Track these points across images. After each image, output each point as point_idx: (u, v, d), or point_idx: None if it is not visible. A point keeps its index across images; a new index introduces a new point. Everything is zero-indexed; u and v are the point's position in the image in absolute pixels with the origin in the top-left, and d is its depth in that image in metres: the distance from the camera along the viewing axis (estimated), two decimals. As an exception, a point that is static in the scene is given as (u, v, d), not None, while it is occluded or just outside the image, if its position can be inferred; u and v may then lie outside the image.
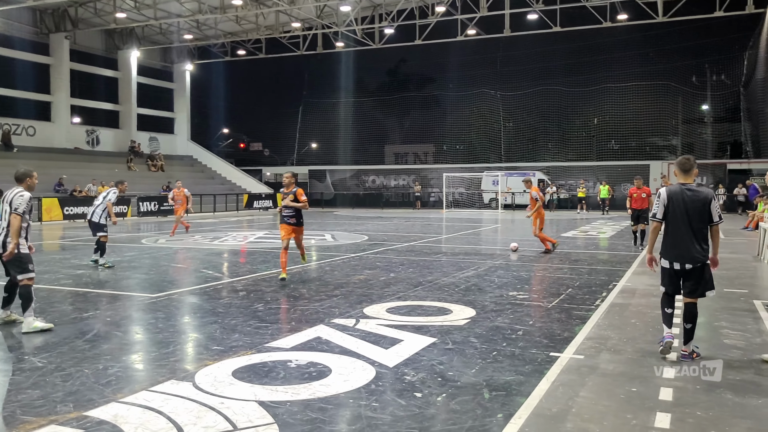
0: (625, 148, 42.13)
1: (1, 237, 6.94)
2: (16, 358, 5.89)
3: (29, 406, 4.61)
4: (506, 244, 17.60)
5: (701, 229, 5.82)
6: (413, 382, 5.12)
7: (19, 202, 6.90)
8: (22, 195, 6.96)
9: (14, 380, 5.22)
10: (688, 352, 5.79)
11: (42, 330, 6.80)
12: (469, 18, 32.42)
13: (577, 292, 9.39)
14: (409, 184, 43.72)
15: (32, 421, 4.28)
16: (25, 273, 6.94)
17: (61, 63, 36.27)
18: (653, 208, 6.02)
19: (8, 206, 6.93)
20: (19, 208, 6.88)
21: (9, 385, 5.10)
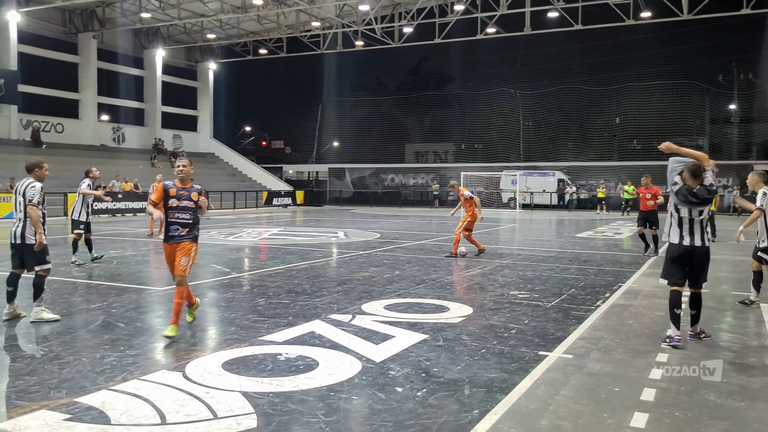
0: (648, 148, 41.59)
1: (18, 228, 7.11)
2: (19, 347, 6.11)
3: (24, 391, 4.81)
4: (522, 243, 17.62)
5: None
6: (396, 377, 5.22)
7: (32, 193, 7.03)
8: (33, 186, 7.08)
9: (14, 367, 5.43)
10: (696, 332, 6.48)
11: (48, 321, 7.00)
12: (489, 16, 32.34)
13: (580, 292, 9.39)
14: (428, 183, 43.72)
15: (24, 405, 4.47)
16: (42, 264, 7.11)
17: (89, 62, 36.98)
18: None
19: (22, 198, 7.08)
20: (33, 199, 7.02)
21: (9, 370, 5.31)
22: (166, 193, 6.59)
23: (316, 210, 37.81)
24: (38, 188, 7.08)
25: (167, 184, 6.66)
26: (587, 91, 43.51)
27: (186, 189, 6.62)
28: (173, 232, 6.57)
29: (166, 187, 6.64)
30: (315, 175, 50.47)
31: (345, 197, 44.81)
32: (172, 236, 6.57)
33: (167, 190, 6.60)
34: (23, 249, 7.11)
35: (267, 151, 58.75)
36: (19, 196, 7.13)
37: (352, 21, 35.51)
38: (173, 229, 6.57)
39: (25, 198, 7.06)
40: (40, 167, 7.29)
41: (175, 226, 6.58)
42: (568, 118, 45.96)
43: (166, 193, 6.59)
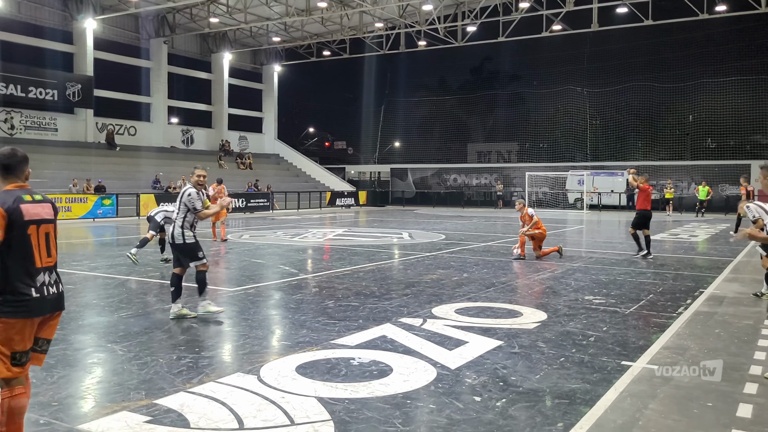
0: (723, 147, 39.86)
1: (171, 230, 7.54)
2: (99, 346, 6.26)
3: (107, 391, 4.90)
4: (591, 246, 17.11)
5: None
6: (474, 386, 5.06)
7: (190, 201, 7.42)
8: (189, 194, 7.47)
9: (95, 366, 5.55)
10: None
11: (213, 312, 7.48)
12: (555, 13, 31.60)
13: (659, 298, 8.99)
14: (491, 183, 43.13)
15: (107, 406, 4.54)
16: (197, 260, 7.49)
17: (160, 66, 38.14)
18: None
19: (178, 201, 7.55)
20: (197, 205, 7.44)
21: (90, 371, 5.43)
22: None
23: (378, 210, 37.87)
24: (194, 195, 7.46)
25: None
26: (658, 88, 41.99)
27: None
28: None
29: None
30: (377, 176, 50.60)
31: (407, 198, 44.71)
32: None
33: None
34: (175, 249, 7.53)
35: (330, 152, 59.31)
36: (177, 199, 7.59)
37: (414, 21, 35.37)
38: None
39: (182, 203, 7.46)
40: (193, 174, 7.74)
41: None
42: (637, 116, 44.47)
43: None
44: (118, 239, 18.60)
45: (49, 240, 3.62)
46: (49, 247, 3.61)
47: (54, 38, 32.78)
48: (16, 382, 3.46)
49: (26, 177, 3.71)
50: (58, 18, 32.95)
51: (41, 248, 3.56)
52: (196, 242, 7.51)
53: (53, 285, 3.60)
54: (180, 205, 7.46)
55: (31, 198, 3.59)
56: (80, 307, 8.18)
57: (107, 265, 12.21)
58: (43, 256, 3.56)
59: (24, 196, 3.57)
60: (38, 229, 3.55)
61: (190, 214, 7.47)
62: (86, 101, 32.79)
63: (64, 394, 4.75)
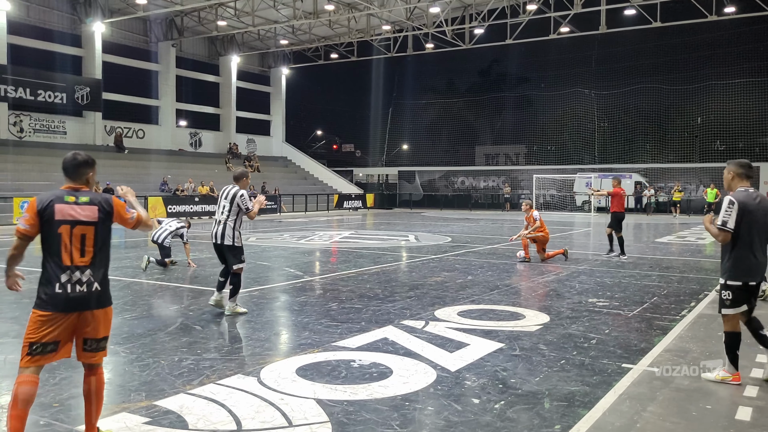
0: (732, 149, 39.62)
1: (219, 230, 7.68)
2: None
3: (108, 393, 4.91)
4: (598, 248, 17.04)
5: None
6: (473, 388, 5.07)
7: (244, 202, 7.64)
8: (243, 195, 7.67)
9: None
10: None
11: (240, 314, 7.70)
12: (563, 15, 31.56)
13: (663, 300, 8.96)
14: (499, 186, 43.08)
15: (107, 407, 4.56)
16: (240, 263, 7.72)
17: (168, 69, 38.36)
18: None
19: (228, 203, 7.68)
20: (249, 205, 7.69)
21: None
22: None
23: (386, 213, 37.90)
24: (246, 196, 7.70)
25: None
26: (666, 91, 41.84)
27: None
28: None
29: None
30: (385, 178, 50.65)
31: (415, 200, 44.73)
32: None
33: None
34: (223, 249, 7.72)
35: (338, 155, 59.45)
36: (224, 201, 7.71)
37: (422, 24, 35.41)
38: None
39: (234, 204, 7.63)
40: (247, 177, 7.95)
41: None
42: (645, 119, 44.32)
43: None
44: (126, 242, 18.69)
45: (85, 241, 3.73)
46: (84, 248, 3.72)
47: (63, 42, 33.06)
48: (27, 371, 3.66)
49: (87, 180, 3.90)
50: (67, 21, 33.21)
51: (73, 248, 3.70)
52: (242, 246, 7.79)
53: (83, 284, 3.70)
54: (232, 206, 7.63)
55: (74, 199, 3.76)
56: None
57: (113, 267, 12.15)
58: (75, 255, 3.70)
59: (66, 197, 3.75)
60: (71, 230, 3.70)
61: (241, 214, 7.69)
62: (95, 104, 33.02)
63: (66, 396, 4.79)
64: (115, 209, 3.91)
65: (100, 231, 3.81)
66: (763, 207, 5.20)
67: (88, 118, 33.80)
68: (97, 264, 3.79)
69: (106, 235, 3.87)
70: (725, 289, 5.29)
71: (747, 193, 5.20)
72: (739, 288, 5.20)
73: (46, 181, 27.89)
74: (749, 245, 5.17)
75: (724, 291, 5.29)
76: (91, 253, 3.77)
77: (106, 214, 3.85)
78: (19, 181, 26.98)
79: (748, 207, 5.13)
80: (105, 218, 3.85)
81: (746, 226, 5.13)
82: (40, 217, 3.71)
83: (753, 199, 5.18)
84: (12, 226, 22.83)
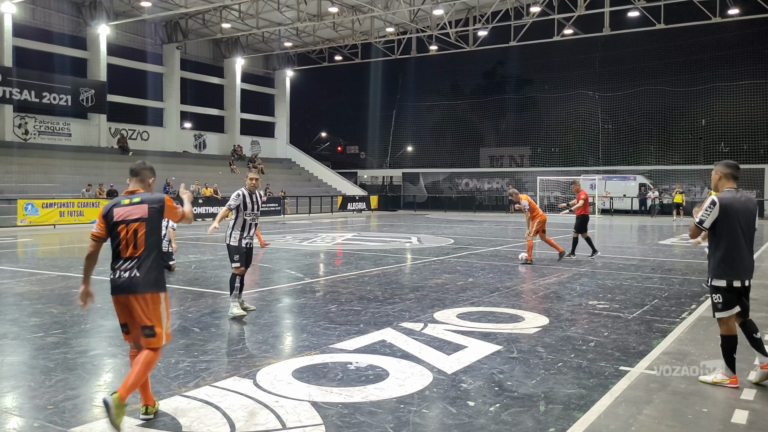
0: (736, 151, 39.47)
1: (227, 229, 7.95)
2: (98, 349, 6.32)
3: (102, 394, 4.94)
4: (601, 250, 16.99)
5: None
6: (468, 391, 5.06)
7: (231, 198, 7.83)
8: (237, 193, 7.79)
9: (93, 369, 5.61)
10: None
11: (235, 315, 7.65)
12: (566, 17, 31.52)
13: (664, 303, 8.93)
14: (503, 188, 43.01)
15: (102, 409, 4.58)
16: (232, 263, 7.80)
17: (173, 72, 38.49)
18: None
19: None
20: (231, 203, 7.78)
21: (88, 375, 5.48)
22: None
23: (390, 215, 37.89)
24: (234, 195, 7.80)
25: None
26: (670, 92, 41.72)
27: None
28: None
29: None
30: (389, 180, 50.67)
31: (419, 202, 44.71)
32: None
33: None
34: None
35: (342, 156, 59.48)
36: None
37: (426, 26, 35.44)
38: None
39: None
40: (247, 176, 8.05)
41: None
42: (650, 121, 44.18)
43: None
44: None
45: (138, 235, 4.32)
46: (137, 241, 4.32)
47: (68, 44, 33.21)
48: (130, 346, 4.45)
49: (150, 184, 4.59)
50: (72, 24, 33.36)
51: (129, 242, 4.33)
52: (238, 246, 7.74)
53: (127, 271, 4.28)
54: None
55: (128, 201, 4.41)
56: (84, 311, 8.25)
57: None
58: (129, 248, 4.33)
59: (123, 200, 4.43)
60: (127, 227, 4.34)
61: (240, 215, 7.73)
62: (99, 106, 33.15)
63: (61, 398, 4.80)
64: (166, 205, 4.51)
65: (149, 226, 4.37)
66: (748, 207, 5.23)
67: (92, 120, 33.93)
68: (146, 254, 4.33)
69: (156, 230, 4.43)
70: (714, 291, 5.32)
71: (732, 194, 5.23)
72: (726, 289, 5.21)
73: (50, 183, 28.04)
74: (734, 246, 5.19)
75: (714, 294, 5.32)
76: (143, 246, 4.33)
77: (156, 211, 4.42)
78: (24, 183, 27.10)
79: (733, 206, 5.16)
80: (155, 214, 4.40)
81: (728, 227, 5.16)
82: (105, 220, 4.39)
83: (738, 200, 5.20)
84: (17, 227, 22.93)
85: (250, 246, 7.93)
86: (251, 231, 7.90)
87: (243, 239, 7.78)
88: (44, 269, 12.13)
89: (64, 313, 7.95)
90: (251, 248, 7.96)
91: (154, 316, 4.28)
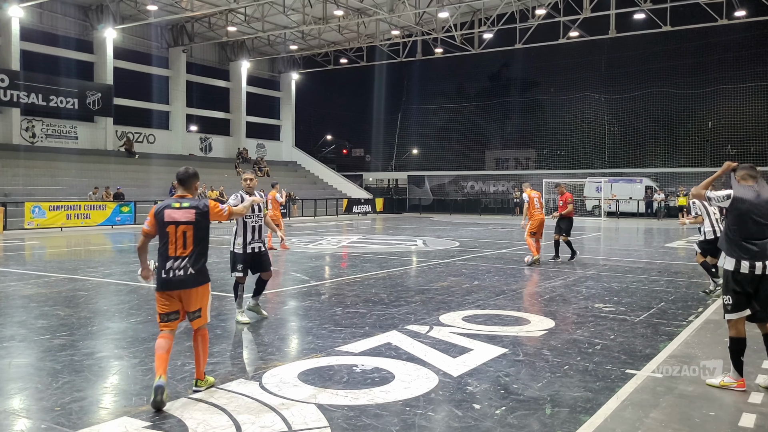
0: (743, 153, 39.30)
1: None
2: (105, 351, 6.34)
3: (109, 397, 4.97)
4: (607, 253, 16.97)
5: None
6: (474, 393, 5.05)
7: (230, 199, 7.28)
8: (235, 195, 7.36)
9: (100, 371, 5.63)
10: None
11: (240, 322, 7.48)
12: (572, 20, 31.48)
13: (670, 306, 8.90)
14: (509, 190, 42.97)
15: (108, 411, 4.60)
16: (232, 271, 7.59)
17: (179, 75, 38.61)
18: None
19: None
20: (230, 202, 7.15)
21: (95, 377, 5.50)
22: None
23: (395, 218, 37.89)
24: (232, 197, 7.33)
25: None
26: (677, 95, 41.62)
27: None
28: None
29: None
30: (394, 183, 50.67)
31: (424, 205, 44.69)
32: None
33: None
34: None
35: (347, 159, 59.55)
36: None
37: (431, 29, 35.44)
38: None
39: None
40: (242, 178, 7.74)
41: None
42: (656, 123, 44.08)
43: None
44: (135, 246, 18.81)
45: (186, 237, 4.88)
46: (186, 242, 4.88)
47: (74, 48, 33.35)
48: (163, 332, 4.92)
49: (195, 188, 5.14)
50: (79, 28, 33.51)
51: (177, 242, 4.87)
52: (243, 254, 7.45)
53: (180, 269, 4.86)
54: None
55: (179, 205, 4.95)
56: (91, 313, 8.30)
57: (121, 271, 12.37)
58: (178, 248, 4.87)
59: (174, 203, 4.97)
60: (176, 229, 4.87)
61: (240, 220, 7.40)
62: (106, 109, 33.27)
63: (68, 400, 4.82)
64: (210, 209, 5.04)
65: (197, 229, 4.93)
66: (764, 198, 5.30)
67: (99, 123, 34.07)
68: (195, 254, 4.92)
69: (203, 232, 4.99)
70: (725, 292, 5.37)
71: (746, 188, 5.41)
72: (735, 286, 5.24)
73: (57, 186, 28.16)
74: (744, 235, 5.27)
75: (725, 295, 5.36)
76: (191, 246, 4.90)
77: (202, 215, 4.96)
78: (31, 186, 27.22)
79: (744, 198, 5.31)
80: (201, 218, 4.95)
81: (738, 217, 5.29)
82: (156, 219, 4.93)
83: (753, 193, 5.34)
84: (24, 230, 23.02)
85: (259, 250, 7.55)
86: (257, 234, 7.51)
87: (249, 245, 7.46)
88: (51, 272, 12.18)
89: (70, 316, 7.97)
90: (261, 252, 7.57)
91: (203, 302, 5.00)
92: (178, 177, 5.07)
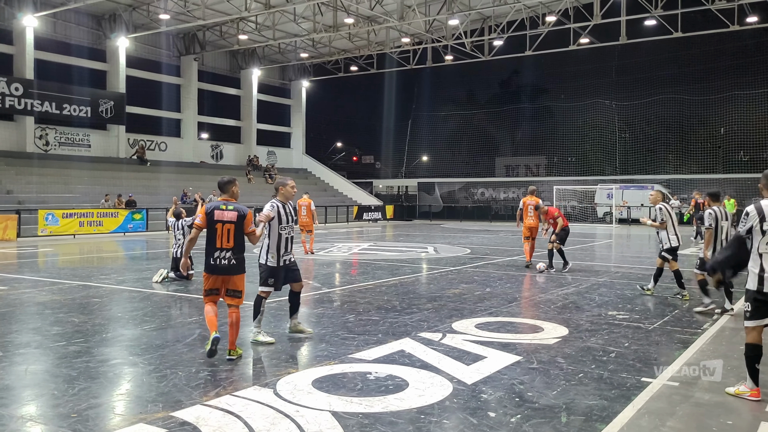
0: (756, 160, 39.05)
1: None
2: (120, 358, 6.37)
3: (125, 403, 4.99)
4: (619, 260, 16.88)
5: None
6: (489, 401, 5.04)
7: (266, 208, 6.96)
8: (270, 204, 6.95)
9: (115, 378, 5.66)
10: None
11: (262, 343, 6.82)
12: (582, 26, 31.43)
13: (685, 314, 8.84)
14: (519, 197, 42.83)
15: (124, 418, 4.62)
16: (261, 285, 7.01)
17: (190, 83, 38.85)
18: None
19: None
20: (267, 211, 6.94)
21: (110, 383, 5.53)
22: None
23: (405, 224, 37.88)
24: (268, 205, 6.92)
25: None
26: (688, 101, 41.44)
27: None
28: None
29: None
30: (405, 190, 50.68)
31: (434, 211, 44.64)
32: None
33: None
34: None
35: (357, 166, 59.64)
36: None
37: (441, 36, 35.52)
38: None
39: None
40: (287, 184, 7.17)
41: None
42: (667, 129, 43.90)
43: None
44: (147, 253, 18.90)
45: (230, 233, 6.19)
46: (229, 237, 6.18)
47: (87, 56, 33.65)
48: (207, 305, 6.33)
49: (233, 192, 6.38)
50: (92, 37, 33.82)
51: (223, 237, 6.19)
52: (276, 267, 6.90)
53: (226, 259, 6.19)
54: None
55: (225, 207, 6.25)
56: (105, 320, 8.34)
57: (134, 278, 12.43)
58: (223, 241, 6.19)
59: (221, 206, 6.27)
60: (222, 226, 6.19)
61: (272, 232, 6.89)
62: (118, 118, 33.52)
63: (84, 406, 4.84)
64: (247, 216, 6.28)
65: (238, 227, 6.23)
66: None
67: (111, 131, 34.32)
68: (236, 248, 6.24)
69: (241, 230, 6.25)
70: (747, 299, 5.36)
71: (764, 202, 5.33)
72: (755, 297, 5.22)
73: (70, 194, 28.37)
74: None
75: (746, 302, 5.31)
76: (233, 241, 6.21)
77: (241, 218, 6.24)
78: (45, 193, 27.43)
79: (763, 212, 5.25)
80: (240, 220, 6.23)
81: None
82: (207, 217, 6.20)
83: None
84: (38, 237, 23.20)
85: (290, 261, 7.06)
86: (290, 246, 7.02)
87: (281, 257, 6.92)
88: (65, 278, 12.26)
89: (85, 322, 8.02)
90: (290, 263, 7.07)
91: (241, 286, 6.32)
92: (219, 185, 6.40)
